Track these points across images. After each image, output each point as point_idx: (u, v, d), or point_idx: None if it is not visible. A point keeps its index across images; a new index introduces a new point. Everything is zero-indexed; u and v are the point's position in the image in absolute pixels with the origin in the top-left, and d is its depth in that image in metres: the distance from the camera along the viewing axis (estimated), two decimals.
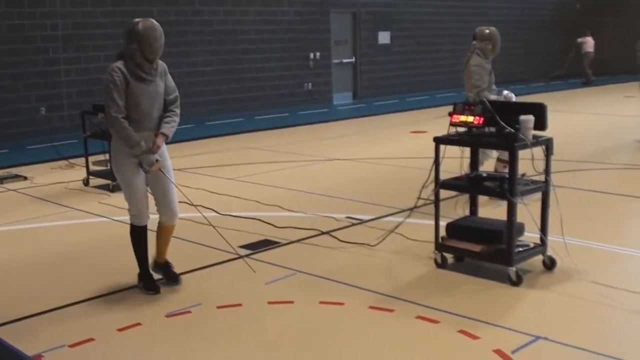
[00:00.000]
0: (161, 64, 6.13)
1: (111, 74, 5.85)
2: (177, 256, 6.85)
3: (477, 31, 9.26)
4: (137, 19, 5.98)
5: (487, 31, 9.21)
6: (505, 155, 8.43)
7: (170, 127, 6.10)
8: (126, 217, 8.01)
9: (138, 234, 6.27)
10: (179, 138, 13.12)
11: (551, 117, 6.57)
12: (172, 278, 6.37)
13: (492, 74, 9.10)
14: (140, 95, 5.90)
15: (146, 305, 5.95)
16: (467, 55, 9.22)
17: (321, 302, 5.92)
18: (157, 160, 6.00)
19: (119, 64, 5.91)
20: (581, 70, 26.42)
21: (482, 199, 7.37)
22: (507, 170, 7.37)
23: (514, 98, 8.02)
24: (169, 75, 6.21)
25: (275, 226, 8.03)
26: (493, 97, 8.61)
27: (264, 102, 19.39)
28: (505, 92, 8.39)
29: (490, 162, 9.04)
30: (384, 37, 22.68)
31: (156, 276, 6.38)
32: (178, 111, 6.22)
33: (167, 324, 5.60)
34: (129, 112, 5.90)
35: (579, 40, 26.45)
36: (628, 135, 13.80)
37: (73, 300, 6.06)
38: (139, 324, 5.58)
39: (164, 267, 6.42)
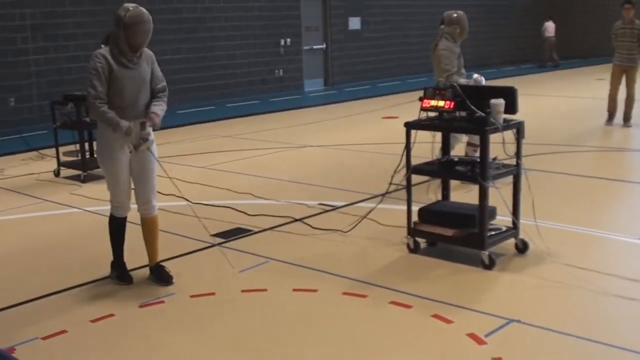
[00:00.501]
0: (148, 52, 6.07)
1: (94, 60, 5.77)
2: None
3: (444, 15, 9.28)
4: (128, 6, 5.85)
5: (455, 15, 9.23)
6: (475, 139, 8.47)
7: (159, 107, 6.05)
8: (98, 208, 8.02)
9: (117, 224, 6.20)
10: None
11: (522, 101, 6.59)
12: (163, 279, 6.17)
13: (461, 58, 9.11)
14: (124, 82, 5.81)
15: (119, 296, 5.91)
16: (435, 39, 9.21)
17: (294, 290, 5.92)
18: (145, 140, 5.93)
19: (104, 50, 5.80)
20: (545, 55, 26.59)
21: (454, 183, 7.38)
22: (477, 153, 7.42)
23: (484, 82, 8.03)
24: (156, 64, 6.15)
25: (248, 214, 8.01)
26: (463, 81, 8.62)
27: (235, 89, 19.31)
28: (475, 75, 8.39)
29: (460, 146, 9.07)
30: (354, 23, 22.65)
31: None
32: (166, 99, 6.18)
33: (140, 314, 5.57)
34: (113, 99, 5.81)
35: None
36: (598, 118, 13.88)
37: (45, 292, 6.01)
38: (112, 314, 5.54)
39: (156, 269, 6.25)
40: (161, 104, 6.10)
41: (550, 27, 26.66)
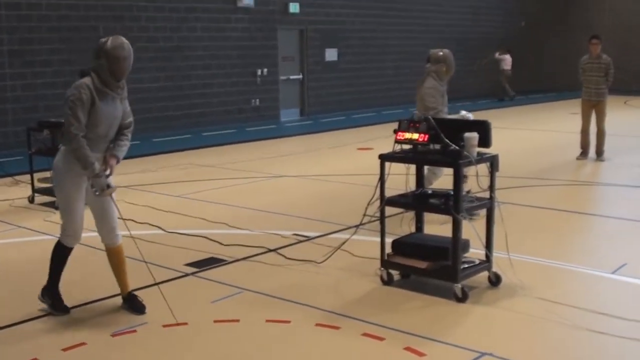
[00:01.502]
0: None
1: (79, 90, 5.71)
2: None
3: (430, 53, 9.36)
4: (106, 37, 5.86)
5: (441, 53, 9.31)
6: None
7: (122, 150, 6.05)
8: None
9: (63, 253, 6.14)
10: (125, 155, 13.04)
11: (496, 134, 6.66)
12: (136, 309, 6.12)
13: (445, 96, 9.18)
14: (102, 116, 5.78)
15: (91, 325, 5.87)
16: (422, 77, 9.28)
17: (267, 321, 5.91)
18: (108, 186, 5.87)
19: (87, 80, 5.76)
20: (499, 87, 26.91)
21: (431, 216, 7.41)
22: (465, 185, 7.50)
23: (471, 118, 8.09)
24: (126, 100, 6.13)
25: (222, 244, 7.99)
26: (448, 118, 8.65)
27: (211, 118, 19.31)
28: (463, 112, 8.46)
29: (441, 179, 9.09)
30: (331, 54, 22.77)
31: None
32: (130, 136, 6.18)
33: (112, 343, 5.54)
34: (86, 131, 5.77)
35: (497, 56, 27.07)
36: (572, 151, 14.02)
37: (15, 320, 5.96)
38: (84, 343, 5.50)
39: (129, 298, 6.21)
40: (125, 143, 6.12)
41: (507, 60, 27.05)
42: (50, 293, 6.13)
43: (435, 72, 9.21)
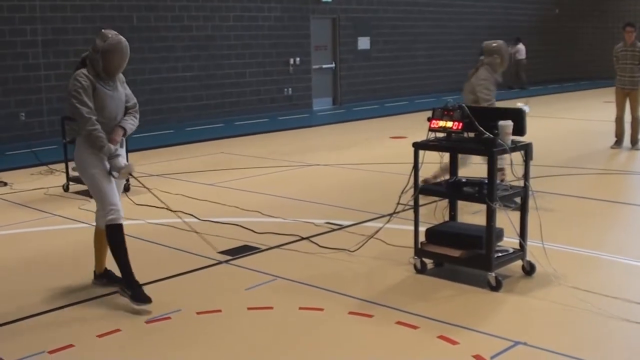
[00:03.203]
0: (119, 76, 6.21)
1: (78, 79, 5.91)
2: (157, 262, 6.86)
3: (483, 45, 9.30)
4: (107, 33, 6.03)
5: (495, 45, 9.24)
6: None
7: (130, 123, 6.18)
8: None
9: (118, 235, 6.05)
10: (158, 144, 13.13)
11: (530, 123, 6.61)
12: (117, 280, 6.26)
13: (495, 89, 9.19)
14: (105, 99, 5.96)
15: (126, 312, 5.92)
16: (473, 69, 9.26)
17: (301, 308, 5.93)
18: (125, 165, 6.03)
19: (84, 70, 5.96)
20: (514, 77, 26.72)
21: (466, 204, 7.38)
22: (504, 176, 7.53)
23: (527, 110, 8.04)
24: (126, 84, 6.30)
25: (255, 232, 8.02)
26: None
27: (244, 107, 19.38)
28: (520, 104, 8.41)
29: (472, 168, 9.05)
30: (363, 43, 22.73)
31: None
32: (137, 115, 6.30)
33: (146, 330, 5.58)
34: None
35: (511, 50, 26.90)
36: (606, 140, 13.89)
37: (52, 306, 6.03)
38: (118, 330, 5.55)
39: (106, 274, 6.42)
40: (132, 119, 6.25)
41: (521, 49, 26.88)
42: (128, 284, 6.02)
43: (490, 64, 9.14)
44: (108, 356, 5.18)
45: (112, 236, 6.07)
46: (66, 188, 10.39)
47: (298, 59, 20.66)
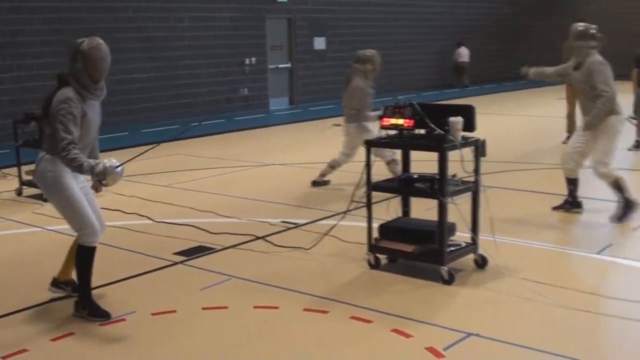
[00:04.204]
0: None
1: (68, 103, 5.52)
2: (112, 264, 6.83)
3: (358, 54, 10.01)
4: (81, 39, 5.71)
5: (369, 53, 10.02)
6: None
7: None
8: (60, 227, 7.97)
9: (89, 256, 5.81)
10: (112, 146, 13.04)
11: (482, 120, 6.71)
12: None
13: (369, 96, 9.92)
14: (90, 126, 5.71)
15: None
16: (347, 75, 10.05)
17: (255, 307, 5.95)
18: (111, 166, 5.56)
19: (71, 92, 5.57)
20: (455, 78, 27.08)
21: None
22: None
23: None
24: None
25: (210, 232, 8.03)
26: (373, 114, 9.52)
27: (200, 108, 19.30)
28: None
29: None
30: (319, 43, 22.78)
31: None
32: None
33: (101, 332, 5.56)
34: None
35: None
36: (558, 136, 14.07)
37: (4, 312, 5.98)
38: (72, 333, 5.53)
39: (72, 282, 6.22)
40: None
41: (463, 53, 27.18)
42: (86, 302, 5.85)
43: (363, 72, 9.87)
44: (62, 359, 5.17)
45: (85, 257, 5.82)
46: (19, 192, 10.30)
47: (254, 59, 20.65)
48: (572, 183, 8.64)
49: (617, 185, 8.21)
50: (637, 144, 13.02)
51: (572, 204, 8.70)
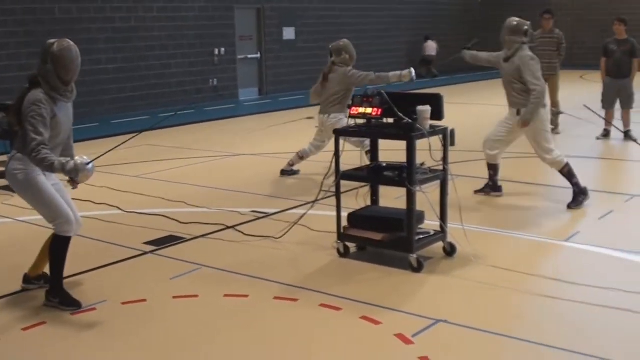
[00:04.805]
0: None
1: (38, 105, 5.50)
2: (82, 254, 6.82)
3: (331, 47, 10.13)
4: (52, 40, 5.70)
5: (342, 43, 10.16)
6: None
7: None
8: (31, 218, 7.95)
9: (63, 246, 5.81)
10: (82, 137, 12.97)
11: (452, 109, 6.76)
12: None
13: None
14: (61, 127, 5.70)
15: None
16: (325, 69, 10.18)
17: (225, 295, 5.98)
18: (82, 164, 5.57)
19: (41, 94, 5.55)
20: (426, 70, 27.23)
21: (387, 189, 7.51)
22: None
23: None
24: None
25: (180, 222, 8.03)
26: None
27: (169, 98, 19.22)
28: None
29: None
30: (288, 33, 22.76)
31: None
32: None
33: (72, 321, 5.57)
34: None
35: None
36: None
37: None
38: (43, 322, 5.54)
39: (43, 275, 6.22)
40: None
41: (430, 46, 27.26)
42: (57, 292, 5.84)
43: (342, 62, 10.01)
44: (33, 349, 5.17)
45: (59, 248, 5.82)
46: None
47: (223, 49, 20.59)
48: (492, 168, 9.00)
49: (566, 172, 8.41)
50: (605, 133, 13.17)
51: (492, 188, 9.05)
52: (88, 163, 5.62)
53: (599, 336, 5.21)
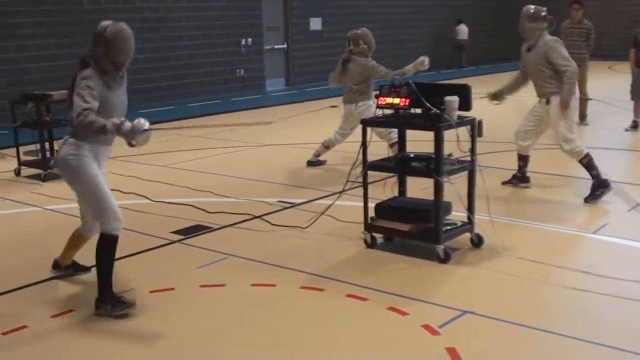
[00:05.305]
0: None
1: (86, 78, 5.32)
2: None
3: (349, 35, 10.18)
4: (106, 22, 5.52)
5: (359, 31, 10.21)
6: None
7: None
8: (59, 206, 8.02)
9: (112, 245, 5.52)
10: None
11: (479, 100, 6.72)
12: (83, 269, 6.23)
13: None
14: (112, 109, 5.48)
15: (79, 293, 5.95)
16: (343, 57, 10.23)
17: (253, 285, 6.00)
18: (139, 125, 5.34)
19: (90, 71, 5.37)
20: (455, 57, 27.23)
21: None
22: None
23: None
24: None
25: (208, 211, 8.06)
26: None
27: (196, 89, 19.29)
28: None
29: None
30: (315, 24, 22.74)
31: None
32: None
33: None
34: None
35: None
36: None
37: (4, 289, 6.04)
38: (72, 310, 5.58)
39: (73, 265, 6.24)
40: None
41: (462, 30, 27.20)
42: (108, 297, 5.51)
43: (360, 52, 10.00)
44: (62, 336, 5.21)
45: (107, 248, 5.52)
46: (18, 172, 10.33)
47: (250, 39, 20.62)
48: (523, 159, 8.96)
49: (585, 162, 8.33)
50: (634, 124, 13.05)
51: (520, 179, 9.01)
52: (146, 128, 5.38)
53: (627, 329, 5.16)
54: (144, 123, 5.37)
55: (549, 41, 8.30)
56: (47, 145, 10.14)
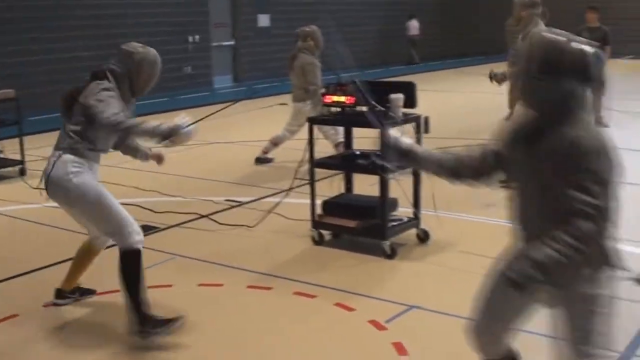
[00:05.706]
0: None
1: (108, 89, 5.02)
2: (54, 245, 6.79)
3: (299, 31, 10.30)
4: (139, 45, 5.32)
5: (308, 29, 10.32)
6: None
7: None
8: (10, 208, 7.89)
9: (140, 261, 5.10)
10: (52, 127, 12.89)
11: (426, 97, 6.78)
12: (89, 292, 5.90)
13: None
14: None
15: (23, 296, 5.88)
16: (292, 54, 10.23)
17: (200, 285, 5.99)
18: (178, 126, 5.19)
19: (112, 85, 5.08)
20: (406, 53, 27.37)
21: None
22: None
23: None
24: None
25: (154, 211, 8.02)
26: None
27: None
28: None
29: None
30: (263, 20, 22.71)
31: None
32: None
33: (45, 313, 5.57)
34: (107, 139, 5.30)
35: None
36: (499, 112, 14.22)
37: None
38: (16, 314, 5.52)
39: (78, 289, 5.85)
40: None
41: (413, 26, 27.37)
42: (144, 318, 5.02)
43: (307, 49, 10.06)
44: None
45: (132, 264, 5.08)
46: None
47: (197, 36, 20.52)
48: None
49: None
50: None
51: None
52: (187, 126, 5.19)
53: None
54: (185, 119, 5.28)
55: (544, 29, 8.34)
56: None
